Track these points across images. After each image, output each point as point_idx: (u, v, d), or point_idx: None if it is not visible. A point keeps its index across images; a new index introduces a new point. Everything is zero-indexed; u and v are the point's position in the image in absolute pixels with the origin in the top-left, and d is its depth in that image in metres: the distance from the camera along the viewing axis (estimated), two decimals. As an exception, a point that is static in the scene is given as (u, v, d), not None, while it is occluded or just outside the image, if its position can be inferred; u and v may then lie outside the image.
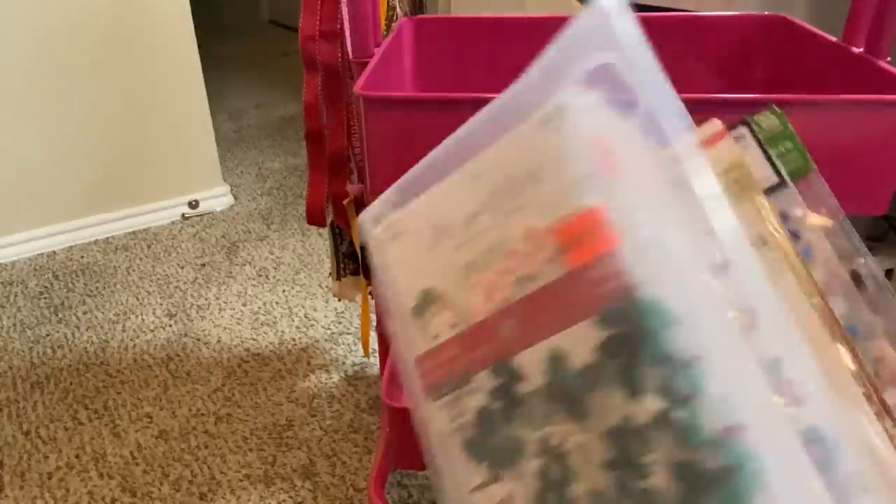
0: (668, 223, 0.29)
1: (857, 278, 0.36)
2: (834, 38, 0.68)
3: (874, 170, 0.55)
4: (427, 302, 0.34)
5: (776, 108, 0.39)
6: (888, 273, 1.20)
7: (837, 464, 0.29)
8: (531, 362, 0.30)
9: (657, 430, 0.26)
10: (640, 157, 0.31)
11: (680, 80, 0.89)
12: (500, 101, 0.33)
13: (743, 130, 0.38)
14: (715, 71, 0.79)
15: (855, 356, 0.31)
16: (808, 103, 0.54)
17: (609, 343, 0.28)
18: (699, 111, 0.54)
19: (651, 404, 0.26)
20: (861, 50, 0.65)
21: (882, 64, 0.61)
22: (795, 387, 0.29)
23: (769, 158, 0.38)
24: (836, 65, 0.67)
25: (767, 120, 0.39)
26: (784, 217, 0.37)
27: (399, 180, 0.37)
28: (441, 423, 0.33)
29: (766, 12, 0.77)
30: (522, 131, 0.32)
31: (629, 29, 0.31)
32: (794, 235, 0.37)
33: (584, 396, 0.28)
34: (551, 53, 0.32)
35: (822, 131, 0.54)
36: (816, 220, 0.38)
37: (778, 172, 0.37)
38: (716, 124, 0.38)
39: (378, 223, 0.37)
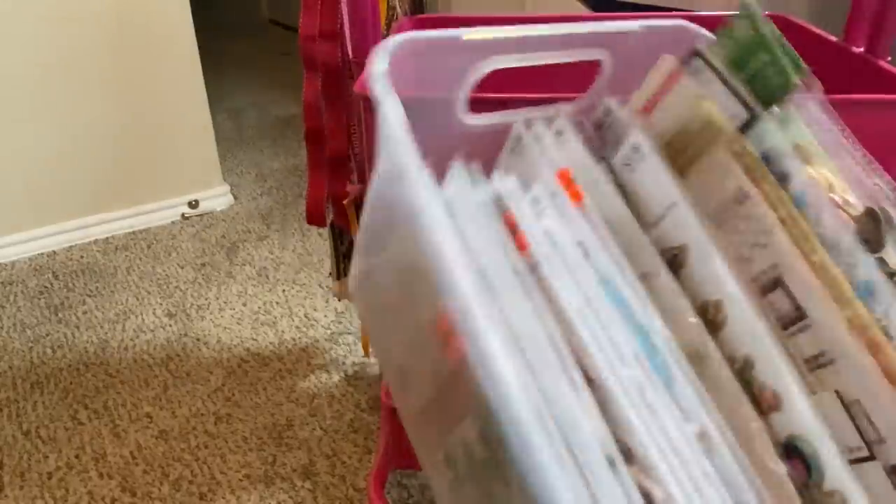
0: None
1: (874, 217, 0.29)
2: (834, 38, 0.68)
3: (874, 169, 0.55)
4: (402, 374, 0.37)
5: (748, 5, 0.32)
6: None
7: (822, 480, 0.27)
8: (456, 446, 0.31)
9: None
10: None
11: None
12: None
13: (699, 64, 0.32)
14: (715, 71, 0.79)
15: (863, 322, 0.27)
16: (809, 103, 0.54)
17: (482, 438, 0.28)
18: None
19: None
20: (861, 49, 0.65)
21: (882, 63, 0.61)
22: (767, 392, 0.28)
23: (732, 90, 0.31)
24: (837, 64, 0.67)
25: (738, 27, 0.32)
26: (766, 157, 0.31)
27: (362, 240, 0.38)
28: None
29: (765, 12, 0.77)
30: (400, 231, 0.32)
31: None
32: (782, 177, 0.30)
33: (489, 486, 0.28)
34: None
35: (823, 131, 0.54)
36: (808, 147, 0.30)
37: (746, 105, 0.31)
38: (668, 61, 0.34)
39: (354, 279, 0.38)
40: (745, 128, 0.32)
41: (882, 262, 0.29)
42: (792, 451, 0.28)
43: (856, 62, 0.64)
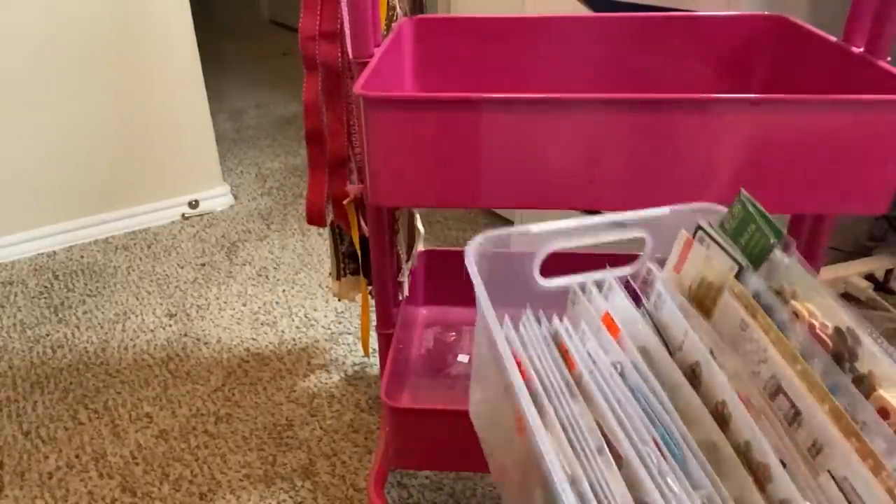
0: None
1: (840, 335, 0.40)
2: (834, 38, 0.68)
3: (874, 169, 0.55)
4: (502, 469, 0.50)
5: (743, 193, 0.45)
6: (888, 273, 1.20)
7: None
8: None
9: None
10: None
11: (680, 80, 0.89)
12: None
13: (702, 234, 0.46)
14: (715, 71, 0.79)
15: (839, 412, 0.36)
16: (808, 103, 0.54)
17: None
18: (699, 111, 0.55)
19: None
20: (861, 50, 0.65)
21: (882, 64, 0.61)
22: (761, 468, 0.37)
23: (725, 250, 0.45)
24: (837, 64, 0.67)
25: (737, 207, 0.45)
26: (756, 296, 0.43)
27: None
28: None
29: (766, 12, 0.77)
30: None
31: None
32: (769, 310, 0.42)
33: None
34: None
35: (823, 131, 0.54)
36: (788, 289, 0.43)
37: (735, 260, 0.44)
38: (682, 236, 0.47)
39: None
40: (739, 276, 0.44)
41: (854, 369, 0.38)
42: None
43: (855, 62, 0.64)
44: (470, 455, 0.74)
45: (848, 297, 1.16)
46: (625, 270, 0.51)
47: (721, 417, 0.40)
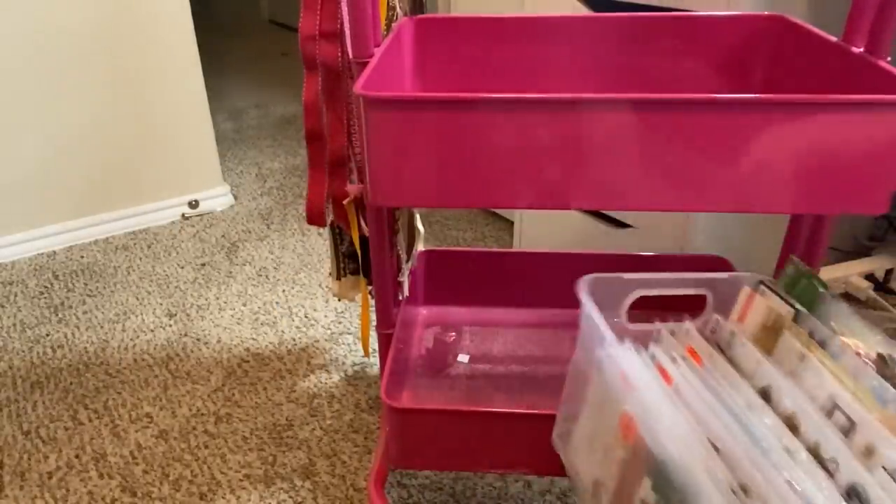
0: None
1: (882, 360, 0.50)
2: (834, 38, 0.68)
3: (874, 169, 0.55)
4: (594, 485, 0.60)
5: (794, 258, 0.59)
6: (888, 273, 1.20)
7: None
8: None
9: None
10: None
11: (680, 80, 0.89)
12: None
13: (763, 288, 0.58)
14: (715, 70, 0.79)
15: (889, 416, 0.45)
16: (808, 103, 0.54)
17: (655, 489, 0.49)
18: (699, 111, 0.55)
19: None
20: (861, 49, 0.65)
21: (882, 63, 0.61)
22: (831, 463, 0.46)
23: (783, 299, 0.56)
24: (836, 64, 0.67)
25: (789, 268, 0.59)
26: (811, 334, 0.54)
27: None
28: None
29: (765, 12, 0.77)
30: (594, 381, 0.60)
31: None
32: (822, 344, 0.53)
33: None
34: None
35: (822, 131, 0.54)
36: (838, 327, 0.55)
37: (793, 306, 0.55)
38: (745, 291, 0.59)
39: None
40: (796, 319, 0.55)
41: None
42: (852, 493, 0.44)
43: (855, 62, 0.64)
44: (470, 455, 0.74)
45: (848, 297, 1.16)
46: (692, 324, 0.63)
47: (792, 426, 0.50)
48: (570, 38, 0.80)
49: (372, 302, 0.99)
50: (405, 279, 0.90)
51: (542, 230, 1.31)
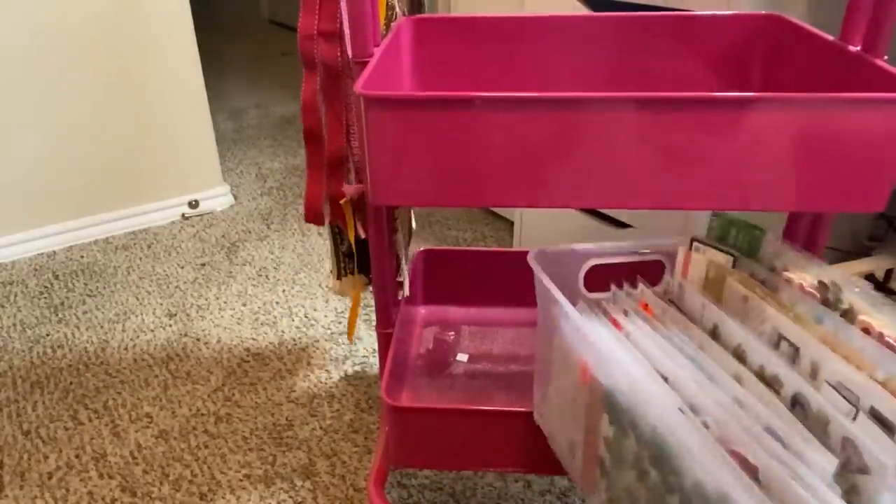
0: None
1: (823, 286, 0.53)
2: (831, 37, 0.68)
3: (872, 167, 0.55)
4: (569, 444, 0.64)
5: (716, 214, 0.62)
6: (888, 273, 1.20)
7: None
8: (602, 452, 0.56)
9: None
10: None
11: (678, 80, 0.89)
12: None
13: (697, 244, 0.62)
14: (713, 70, 0.80)
15: (827, 334, 0.49)
16: (806, 102, 0.54)
17: (611, 422, 0.53)
18: (697, 109, 0.55)
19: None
20: (858, 48, 0.65)
21: (879, 62, 0.61)
22: (775, 381, 0.49)
23: (720, 249, 0.60)
24: (834, 63, 0.67)
25: (714, 222, 0.63)
26: (752, 275, 0.58)
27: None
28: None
29: (764, 12, 0.77)
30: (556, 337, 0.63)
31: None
32: (764, 283, 0.57)
33: (623, 455, 0.52)
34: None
35: (820, 129, 0.54)
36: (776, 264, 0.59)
37: (730, 254, 0.60)
38: (682, 251, 0.63)
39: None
40: (735, 266, 0.60)
41: (839, 308, 0.52)
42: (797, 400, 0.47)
43: (852, 61, 0.64)
44: (470, 454, 0.74)
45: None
46: (652, 290, 0.66)
47: (739, 356, 0.53)
48: (569, 37, 0.80)
49: (367, 298, 1.00)
50: (405, 278, 0.90)
51: (541, 230, 1.31)
